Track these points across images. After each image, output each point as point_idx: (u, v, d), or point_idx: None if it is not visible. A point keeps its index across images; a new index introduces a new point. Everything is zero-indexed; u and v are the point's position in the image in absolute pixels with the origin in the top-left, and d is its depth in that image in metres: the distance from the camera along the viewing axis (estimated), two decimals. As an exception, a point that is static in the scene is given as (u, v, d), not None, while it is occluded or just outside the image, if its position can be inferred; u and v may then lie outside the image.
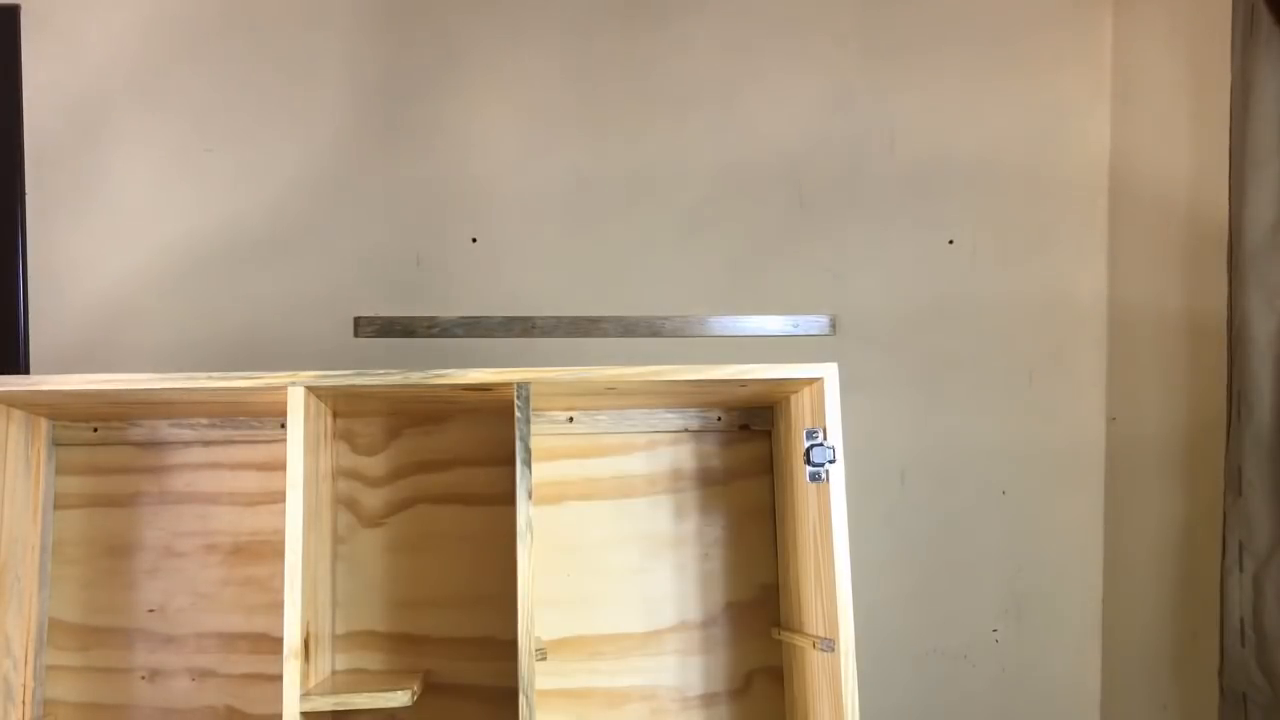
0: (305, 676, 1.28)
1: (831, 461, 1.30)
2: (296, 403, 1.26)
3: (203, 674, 1.48)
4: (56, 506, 1.48)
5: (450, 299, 1.92)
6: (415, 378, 1.26)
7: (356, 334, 1.90)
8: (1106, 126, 2.04)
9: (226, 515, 1.50)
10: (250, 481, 1.50)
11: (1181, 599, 1.82)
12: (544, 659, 1.45)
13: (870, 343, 2.00)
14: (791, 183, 1.99)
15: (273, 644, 1.25)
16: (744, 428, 1.56)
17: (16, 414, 1.37)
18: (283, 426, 1.29)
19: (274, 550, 1.25)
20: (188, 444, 1.50)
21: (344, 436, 1.52)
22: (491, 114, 1.94)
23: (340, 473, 1.51)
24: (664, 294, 1.96)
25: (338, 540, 1.50)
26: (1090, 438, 2.03)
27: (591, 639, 1.53)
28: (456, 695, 1.50)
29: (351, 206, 1.91)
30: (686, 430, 1.56)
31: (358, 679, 1.43)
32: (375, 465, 1.52)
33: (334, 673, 1.47)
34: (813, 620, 1.37)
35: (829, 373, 1.30)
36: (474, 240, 1.93)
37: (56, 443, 1.48)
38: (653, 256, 1.96)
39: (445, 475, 1.53)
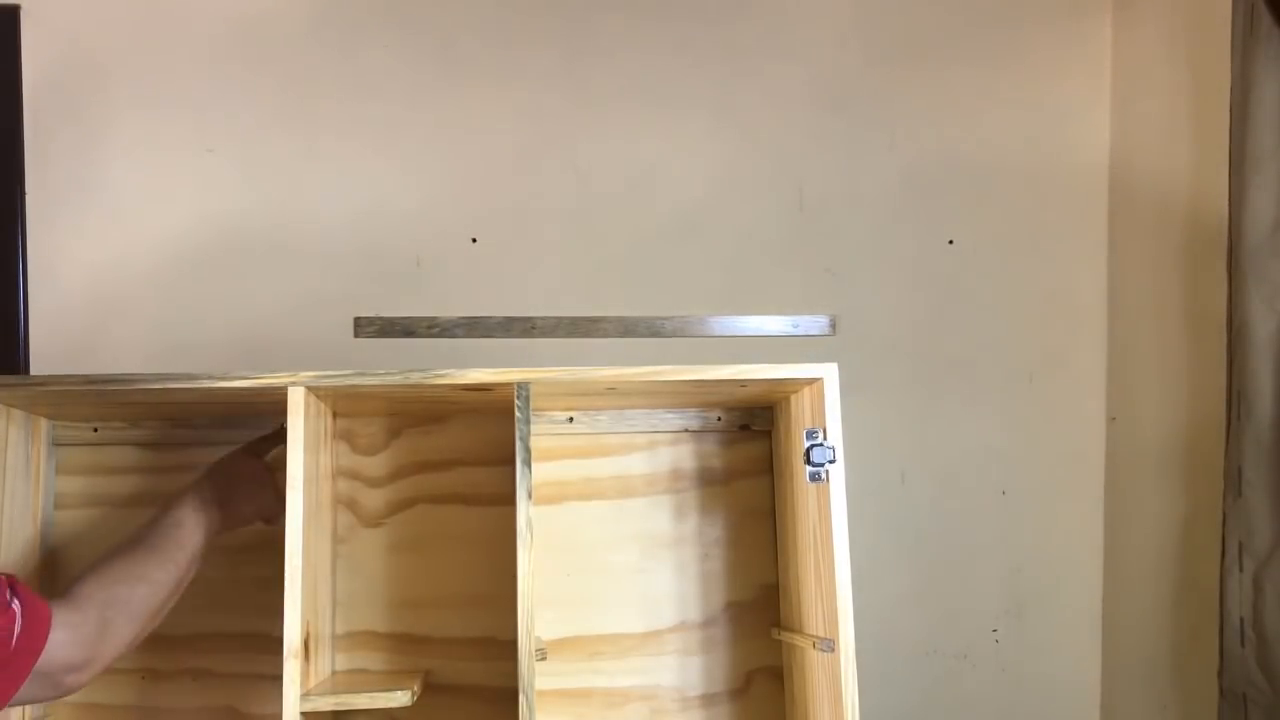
0: (305, 676, 1.28)
1: (831, 461, 1.30)
2: (296, 403, 1.26)
3: (203, 674, 1.48)
4: (56, 506, 1.48)
5: (450, 299, 1.92)
6: (415, 378, 1.26)
7: (356, 334, 1.90)
8: (1106, 126, 2.04)
9: (226, 515, 1.49)
10: (250, 481, 1.49)
11: (1181, 599, 1.82)
12: (544, 659, 1.45)
13: (870, 343, 2.00)
14: (791, 183, 1.99)
15: (273, 644, 1.24)
16: (744, 428, 1.56)
17: (16, 414, 1.37)
18: (283, 426, 1.29)
19: (274, 550, 1.25)
20: (188, 444, 1.50)
21: (344, 436, 1.52)
22: (491, 113, 1.94)
23: (340, 473, 1.51)
24: (664, 294, 1.96)
25: (338, 540, 1.50)
26: (1090, 438, 2.03)
27: (591, 639, 1.53)
28: (456, 695, 1.49)
29: (351, 206, 1.91)
30: (686, 430, 1.56)
31: (358, 679, 1.43)
32: (375, 465, 1.52)
33: (334, 673, 1.47)
34: (813, 620, 1.37)
35: (829, 373, 1.30)
36: (474, 240, 1.93)
37: (56, 443, 1.48)
38: (653, 256, 1.96)
39: (445, 475, 1.52)
